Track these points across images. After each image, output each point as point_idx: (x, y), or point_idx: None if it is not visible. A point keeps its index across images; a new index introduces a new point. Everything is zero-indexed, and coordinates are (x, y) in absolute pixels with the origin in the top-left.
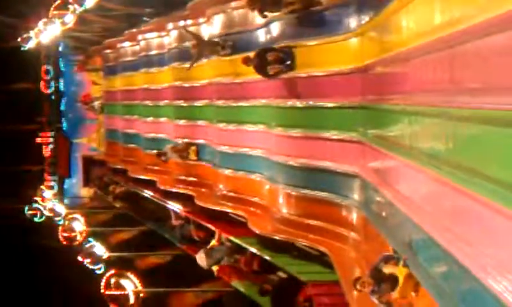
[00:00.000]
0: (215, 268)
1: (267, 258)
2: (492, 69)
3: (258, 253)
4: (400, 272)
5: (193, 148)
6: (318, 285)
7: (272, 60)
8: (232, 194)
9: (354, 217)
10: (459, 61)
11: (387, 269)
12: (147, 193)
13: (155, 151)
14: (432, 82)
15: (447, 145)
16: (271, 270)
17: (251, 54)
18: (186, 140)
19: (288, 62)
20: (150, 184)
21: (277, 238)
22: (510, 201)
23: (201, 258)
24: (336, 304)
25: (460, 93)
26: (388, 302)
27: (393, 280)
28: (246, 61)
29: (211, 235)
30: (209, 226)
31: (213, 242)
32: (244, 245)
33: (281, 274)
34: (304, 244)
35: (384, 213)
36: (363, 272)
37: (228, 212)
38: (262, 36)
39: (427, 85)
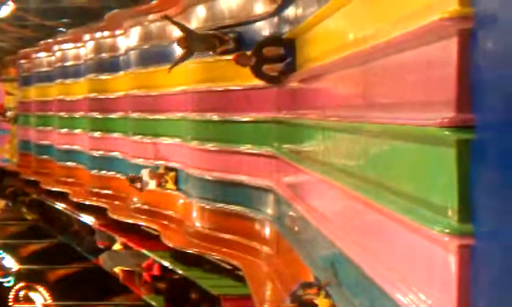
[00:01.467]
0: (119, 271)
1: (180, 272)
2: (403, 85)
3: (170, 266)
4: (321, 303)
5: (171, 174)
6: (230, 299)
7: (270, 57)
8: (145, 207)
9: (267, 231)
10: (371, 77)
11: (309, 297)
12: (59, 205)
13: (128, 176)
14: (345, 97)
15: (358, 160)
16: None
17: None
18: (162, 163)
19: (289, 60)
20: (62, 196)
21: (190, 251)
22: (418, 215)
23: (104, 260)
24: None
25: (372, 108)
26: None
27: None
28: (241, 59)
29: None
30: (122, 239)
31: (117, 246)
32: (157, 258)
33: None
34: (217, 257)
35: (296, 228)
36: (274, 286)
37: (141, 225)
38: (178, 49)
39: (340, 100)
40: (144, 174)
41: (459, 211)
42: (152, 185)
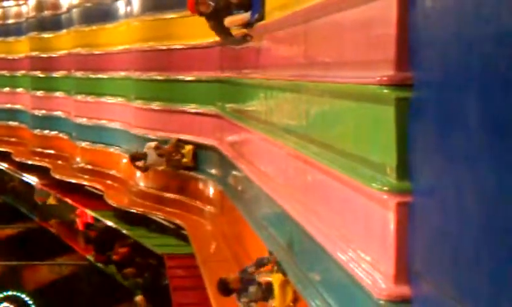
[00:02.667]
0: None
1: (124, 231)
2: (343, 44)
3: (114, 226)
4: (275, 279)
5: (188, 147)
6: (173, 258)
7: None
8: (89, 166)
9: (211, 190)
10: (313, 36)
11: (262, 277)
12: (1, 165)
13: (129, 154)
14: (287, 56)
15: (301, 119)
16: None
17: None
18: (174, 136)
19: (257, 8)
20: (4, 156)
21: (133, 211)
22: (358, 173)
23: None
24: (191, 276)
25: (313, 67)
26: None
27: (268, 288)
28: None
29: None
30: (66, 199)
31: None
32: (100, 218)
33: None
34: (160, 217)
35: (240, 187)
36: (218, 245)
37: (84, 185)
38: (122, 7)
39: (282, 60)
40: (150, 151)
41: (397, 169)
42: (160, 162)
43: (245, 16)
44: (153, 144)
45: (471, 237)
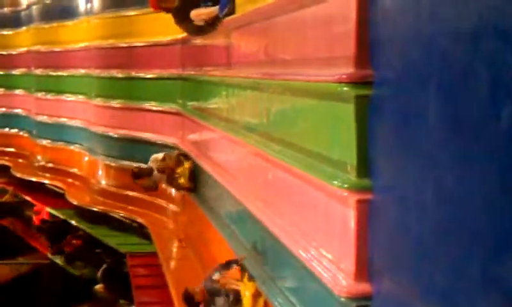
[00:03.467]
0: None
1: (86, 230)
2: (304, 41)
3: (75, 224)
4: (244, 288)
5: (186, 165)
6: (136, 257)
7: None
8: (50, 165)
9: (173, 189)
10: (274, 33)
11: (229, 285)
12: None
13: (132, 170)
14: (248, 54)
15: (262, 117)
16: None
17: None
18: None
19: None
20: None
21: (95, 209)
22: (318, 170)
23: None
24: (153, 274)
25: (274, 65)
26: None
27: (237, 298)
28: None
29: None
30: (26, 197)
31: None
32: (61, 217)
33: None
34: (122, 215)
35: (202, 186)
36: (180, 244)
37: (45, 183)
38: (82, 4)
39: (244, 57)
40: (155, 165)
41: (357, 166)
42: (160, 179)
43: (213, 9)
44: (160, 155)
45: (430, 234)
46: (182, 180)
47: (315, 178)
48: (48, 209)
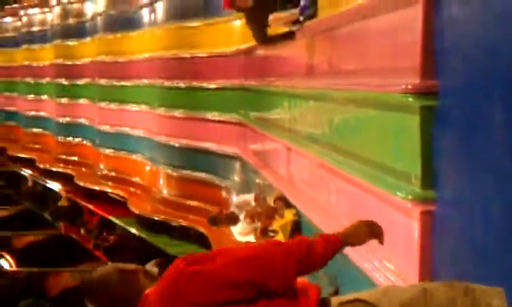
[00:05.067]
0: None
1: (145, 238)
2: (368, 51)
3: (137, 234)
4: (287, 215)
5: (288, 216)
6: None
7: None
8: (112, 173)
9: (234, 198)
10: (338, 44)
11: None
12: (26, 172)
13: (209, 217)
14: (311, 64)
15: (324, 128)
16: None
17: None
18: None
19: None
20: (29, 163)
21: (156, 218)
22: (382, 181)
23: None
24: None
25: (337, 75)
26: None
27: None
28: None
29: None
30: (89, 206)
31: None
32: (123, 226)
33: None
34: (183, 224)
35: (263, 195)
36: None
37: (107, 192)
38: (146, 15)
39: (306, 67)
40: (240, 210)
41: (422, 177)
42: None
43: (293, 12)
44: (250, 196)
45: (496, 247)
46: (278, 237)
47: (379, 189)
48: (113, 219)
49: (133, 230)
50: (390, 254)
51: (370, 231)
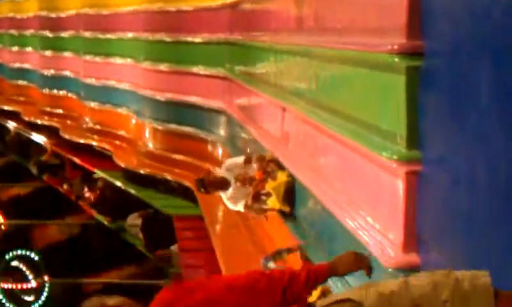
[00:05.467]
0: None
1: (132, 191)
2: (355, 9)
3: (122, 187)
4: (280, 177)
5: (281, 178)
6: (182, 219)
7: None
8: (97, 127)
9: (219, 152)
10: (324, 0)
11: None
12: (10, 124)
13: (196, 179)
14: (298, 20)
15: (310, 84)
16: None
17: None
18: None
19: None
20: (14, 115)
21: (142, 172)
22: (368, 141)
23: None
24: (199, 238)
25: (323, 32)
26: None
27: None
28: None
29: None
30: (74, 159)
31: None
32: (109, 179)
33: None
34: (169, 178)
35: (248, 150)
36: (226, 207)
37: (93, 145)
38: None
39: (293, 23)
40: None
41: (407, 138)
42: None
43: None
44: (240, 159)
45: (481, 209)
46: (271, 202)
47: (365, 148)
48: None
49: (118, 183)
50: (376, 214)
51: (358, 262)
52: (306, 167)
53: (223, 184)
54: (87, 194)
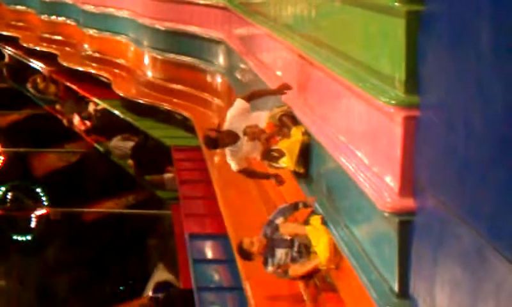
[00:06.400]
0: None
1: (130, 120)
2: None
3: (121, 116)
4: (315, 233)
5: (296, 135)
6: (180, 150)
7: None
8: (96, 55)
9: (218, 82)
10: None
11: (288, 229)
12: (9, 50)
13: (205, 136)
14: None
15: (307, 20)
16: None
17: None
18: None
19: None
20: (13, 41)
21: (141, 101)
22: (366, 83)
23: None
24: (197, 169)
25: None
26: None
27: (300, 248)
28: None
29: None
30: (72, 86)
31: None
32: (108, 108)
33: None
34: (168, 108)
35: (247, 82)
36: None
37: (92, 73)
38: None
39: None
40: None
41: (406, 82)
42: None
43: None
44: (244, 105)
45: (477, 155)
46: (284, 161)
47: (362, 90)
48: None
49: (117, 112)
50: (374, 157)
51: None
52: (303, 103)
53: (233, 137)
54: (76, 119)
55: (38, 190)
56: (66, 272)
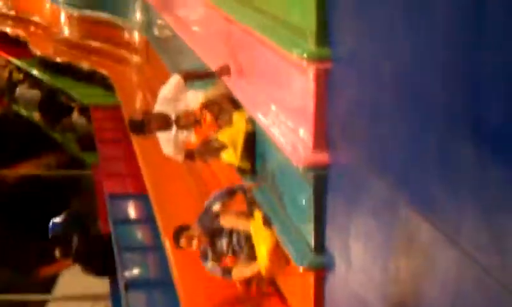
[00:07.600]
0: None
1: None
2: None
3: (38, 75)
4: (258, 232)
5: (238, 123)
6: (99, 109)
7: None
8: (12, 12)
9: (136, 39)
10: None
11: (231, 222)
12: None
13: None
14: None
15: None
16: None
17: None
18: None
19: None
20: None
21: (58, 60)
22: (278, 36)
23: None
24: (117, 128)
25: None
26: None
27: (240, 238)
28: None
29: None
30: None
31: None
32: (24, 68)
33: None
34: (85, 66)
35: (164, 37)
36: (144, 96)
37: (7, 32)
38: None
39: None
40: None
41: (317, 34)
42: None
43: None
44: (175, 83)
45: (386, 107)
46: (227, 154)
47: (275, 43)
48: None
49: (35, 72)
50: (288, 110)
51: None
52: (218, 58)
53: (165, 122)
54: None
55: None
56: None
